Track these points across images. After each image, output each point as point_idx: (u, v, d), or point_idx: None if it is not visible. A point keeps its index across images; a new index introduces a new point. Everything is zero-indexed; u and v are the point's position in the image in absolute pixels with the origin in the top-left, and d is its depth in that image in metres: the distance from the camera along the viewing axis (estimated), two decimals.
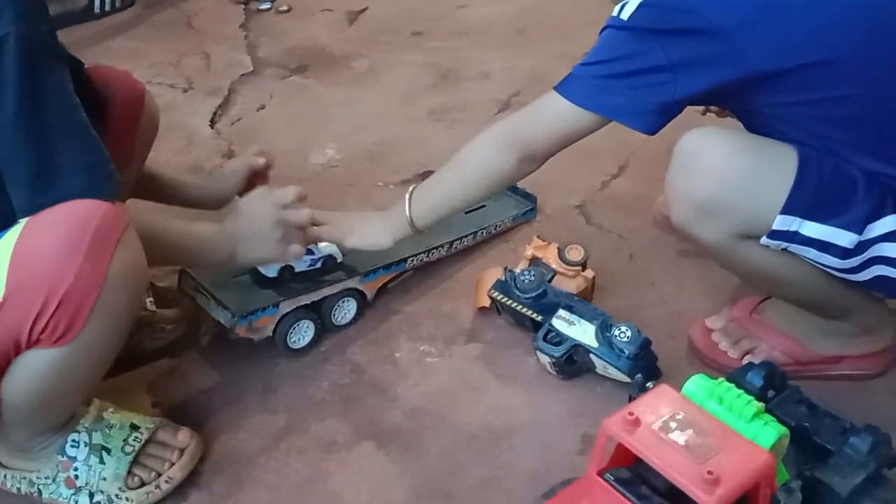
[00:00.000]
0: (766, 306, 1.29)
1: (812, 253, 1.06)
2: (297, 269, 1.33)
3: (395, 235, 1.30)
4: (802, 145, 1.06)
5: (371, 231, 1.32)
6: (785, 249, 1.07)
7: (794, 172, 1.04)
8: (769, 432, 0.84)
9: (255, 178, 1.44)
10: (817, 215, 1.03)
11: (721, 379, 0.90)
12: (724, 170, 1.06)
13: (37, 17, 0.97)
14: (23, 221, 0.96)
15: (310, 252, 1.32)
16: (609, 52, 1.09)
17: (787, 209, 1.03)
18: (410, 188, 1.30)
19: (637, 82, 1.06)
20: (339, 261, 1.37)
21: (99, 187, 0.98)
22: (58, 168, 0.97)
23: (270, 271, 1.32)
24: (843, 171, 1.05)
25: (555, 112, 1.14)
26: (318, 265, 1.35)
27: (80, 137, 1.00)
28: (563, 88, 1.13)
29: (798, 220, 1.04)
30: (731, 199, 1.06)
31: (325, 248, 1.35)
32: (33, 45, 0.96)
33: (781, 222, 1.04)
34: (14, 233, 0.96)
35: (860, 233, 1.03)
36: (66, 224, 0.95)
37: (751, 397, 0.87)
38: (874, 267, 1.07)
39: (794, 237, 1.05)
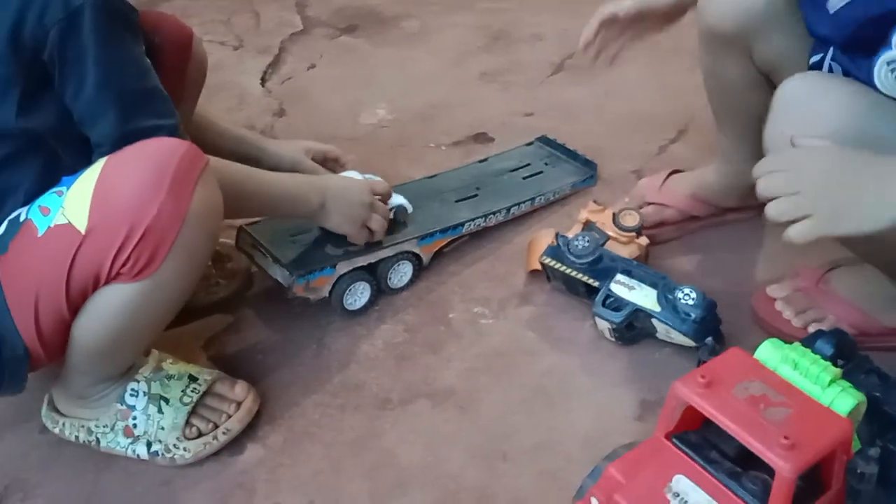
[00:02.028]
0: (833, 276, 1.25)
1: None
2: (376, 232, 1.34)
3: None
4: None
5: (880, 205, 0.88)
6: None
7: None
8: (846, 398, 0.82)
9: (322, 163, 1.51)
10: None
11: (796, 343, 0.88)
12: (848, 106, 0.99)
13: None
14: (102, 159, 0.97)
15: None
16: None
17: None
18: None
19: None
20: (409, 212, 1.38)
21: None
22: (138, 133, 0.99)
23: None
24: None
25: None
26: (390, 216, 1.36)
27: (156, 102, 1.03)
28: None
29: None
30: (857, 136, 0.96)
31: (395, 198, 1.35)
32: (108, 14, 0.97)
33: None
34: (95, 169, 0.97)
35: None
36: (148, 160, 0.96)
37: (827, 362, 0.84)
38: None
39: None
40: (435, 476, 1.09)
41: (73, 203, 0.96)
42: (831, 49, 1.08)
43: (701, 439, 0.85)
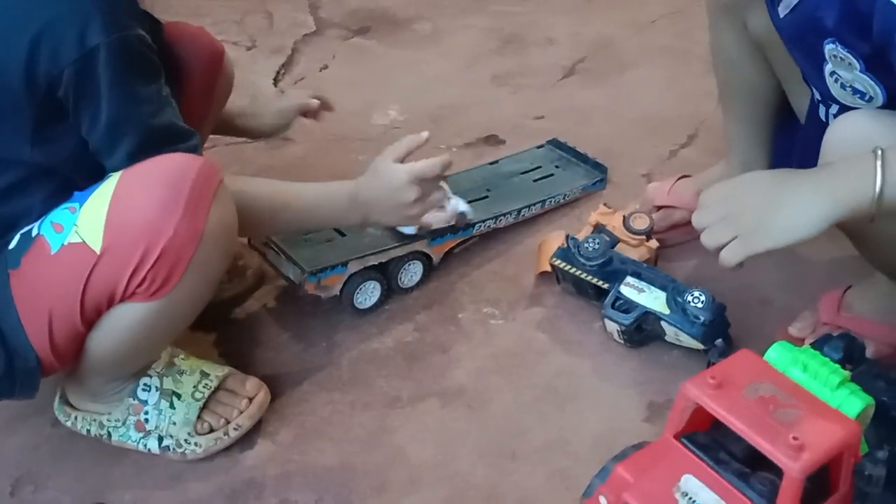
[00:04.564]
0: (852, 299, 1.22)
1: None
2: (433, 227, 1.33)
3: (830, 219, 0.90)
4: None
5: (796, 218, 0.91)
6: None
7: None
8: (855, 401, 0.82)
9: (306, 116, 1.46)
10: None
11: (806, 346, 0.88)
12: None
13: (126, 23, 0.97)
14: (116, 175, 0.97)
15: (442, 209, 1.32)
16: None
17: None
18: (877, 150, 0.89)
19: None
20: (469, 218, 1.36)
21: None
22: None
23: (408, 228, 1.33)
24: None
25: None
26: (452, 223, 1.35)
27: (171, 136, 1.01)
28: None
29: None
30: None
31: (456, 202, 1.32)
32: (124, 54, 0.96)
33: None
34: (109, 185, 0.96)
35: None
36: (163, 178, 0.95)
37: (836, 365, 0.85)
38: None
39: None
40: (444, 474, 1.10)
41: (87, 221, 0.95)
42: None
43: (710, 440, 0.85)
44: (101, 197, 0.96)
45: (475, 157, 1.71)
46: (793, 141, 1.33)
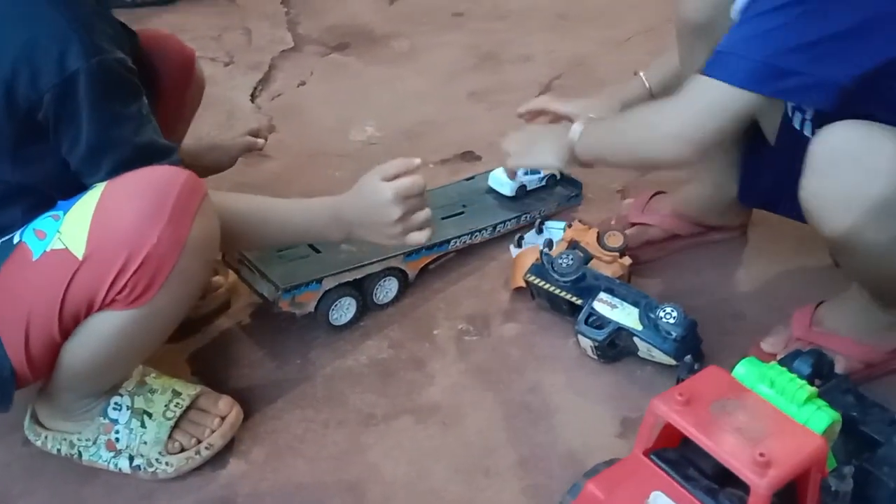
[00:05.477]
0: (824, 314, 1.23)
1: None
2: (528, 188, 1.56)
3: (561, 159, 1.30)
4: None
5: (542, 153, 1.35)
6: None
7: None
8: (822, 417, 0.83)
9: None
10: None
11: (773, 362, 0.89)
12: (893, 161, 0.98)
13: (105, 47, 0.97)
14: (101, 185, 0.97)
15: (536, 172, 1.54)
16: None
17: None
18: (588, 117, 1.29)
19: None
20: (559, 178, 1.59)
21: None
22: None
23: (505, 189, 1.55)
24: None
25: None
26: (544, 182, 1.57)
27: (153, 153, 1.02)
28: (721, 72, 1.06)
29: None
30: None
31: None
32: (104, 77, 0.97)
33: None
34: (93, 194, 0.97)
35: None
36: (149, 188, 0.96)
37: (803, 381, 0.86)
38: None
39: None
40: (418, 491, 1.09)
41: (71, 228, 0.96)
42: None
43: (679, 456, 0.86)
44: (86, 204, 0.96)
45: (451, 173, 1.71)
46: (762, 160, 1.34)
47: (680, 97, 1.13)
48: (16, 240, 0.99)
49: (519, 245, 1.43)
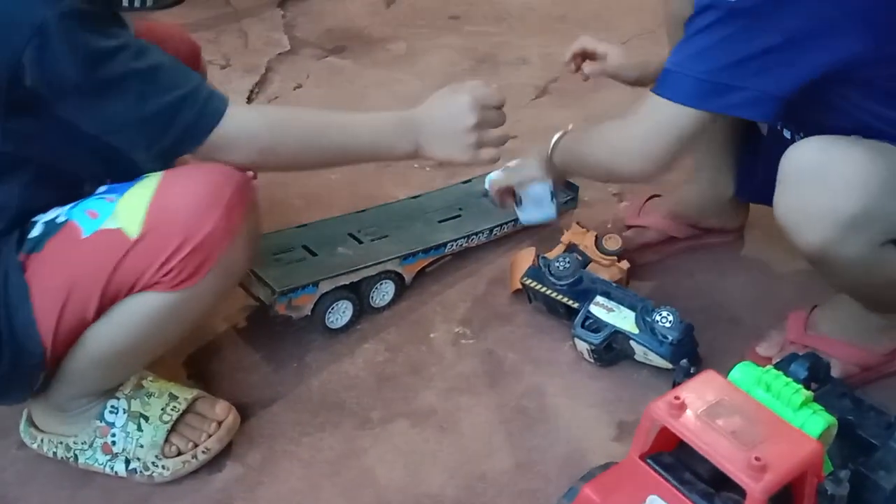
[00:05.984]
0: (818, 319, 1.23)
1: None
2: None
3: (544, 168, 1.34)
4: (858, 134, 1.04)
5: (527, 166, 1.38)
6: None
7: None
8: (817, 421, 0.83)
9: None
10: None
11: (769, 367, 0.89)
12: (864, 176, 0.99)
13: None
14: (158, 174, 1.01)
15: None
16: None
17: None
18: (569, 127, 1.34)
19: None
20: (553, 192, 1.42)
21: (206, 112, 1.02)
22: (158, 116, 0.99)
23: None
24: None
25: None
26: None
27: (164, 78, 1.01)
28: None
29: None
30: (879, 206, 1.00)
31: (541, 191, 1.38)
32: (75, 17, 0.94)
33: None
34: (151, 181, 1.01)
35: None
36: (207, 179, 1.01)
37: (799, 385, 0.86)
38: None
39: None
40: (414, 496, 1.09)
41: (127, 210, 0.98)
42: None
43: (675, 460, 0.86)
44: (145, 188, 1.00)
45: (448, 176, 1.71)
46: (757, 152, 1.34)
47: (634, 116, 1.14)
48: (61, 219, 1.00)
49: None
